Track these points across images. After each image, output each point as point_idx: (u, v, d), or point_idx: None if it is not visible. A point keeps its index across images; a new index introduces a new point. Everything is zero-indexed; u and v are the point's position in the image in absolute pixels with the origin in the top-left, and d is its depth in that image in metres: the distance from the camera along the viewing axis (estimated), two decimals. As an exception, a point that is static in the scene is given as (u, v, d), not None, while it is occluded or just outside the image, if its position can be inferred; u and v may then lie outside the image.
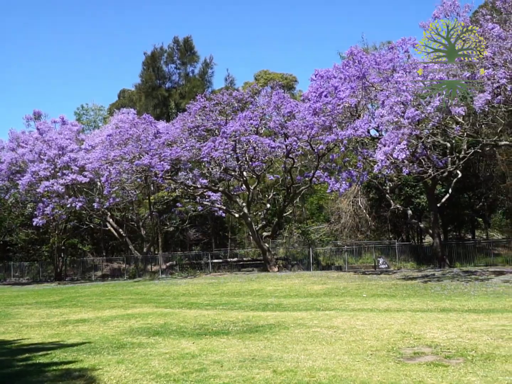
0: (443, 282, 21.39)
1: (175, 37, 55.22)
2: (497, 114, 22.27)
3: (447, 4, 23.33)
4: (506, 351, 8.52)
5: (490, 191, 34.86)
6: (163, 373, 7.98)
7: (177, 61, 55.57)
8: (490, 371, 7.37)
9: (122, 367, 8.54)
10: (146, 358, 9.13)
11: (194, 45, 55.52)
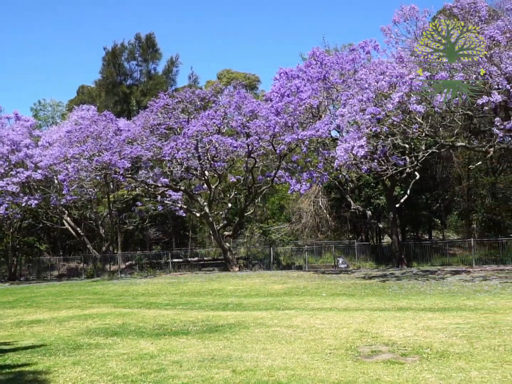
0: (400, 281, 21.79)
1: (137, 34, 54.52)
2: (455, 117, 22.84)
3: (406, 9, 23.81)
4: (460, 348, 8.72)
5: (446, 193, 35.72)
6: (120, 374, 7.85)
7: (138, 58, 54.85)
8: (445, 368, 7.53)
9: (78, 368, 8.36)
10: (103, 359, 8.97)
11: (156, 42, 54.94)
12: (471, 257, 28.37)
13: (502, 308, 13.42)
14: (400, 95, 19.81)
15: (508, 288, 17.89)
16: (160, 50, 55.19)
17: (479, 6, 23.12)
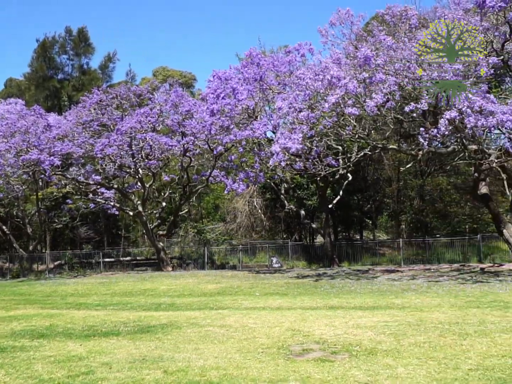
0: (332, 280, 22.21)
1: (67, 27, 52.53)
2: (386, 120, 23.53)
3: (342, 13, 24.36)
4: (387, 345, 8.95)
5: (377, 194, 36.81)
6: (46, 377, 7.53)
7: (70, 52, 53.02)
8: (373, 365, 7.70)
9: (2, 372, 7.95)
10: (28, 362, 8.57)
11: (89, 36, 53.27)
12: (399, 257, 29.37)
13: (428, 306, 13.92)
14: (336, 97, 20.19)
15: (433, 287, 18.60)
16: (93, 45, 53.58)
17: (409, 14, 23.97)
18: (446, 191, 35.50)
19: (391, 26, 24.74)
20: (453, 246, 29.35)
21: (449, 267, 25.64)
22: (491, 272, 22.46)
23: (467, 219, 35.10)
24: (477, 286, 18.16)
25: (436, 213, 35.49)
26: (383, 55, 21.56)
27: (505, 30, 23.43)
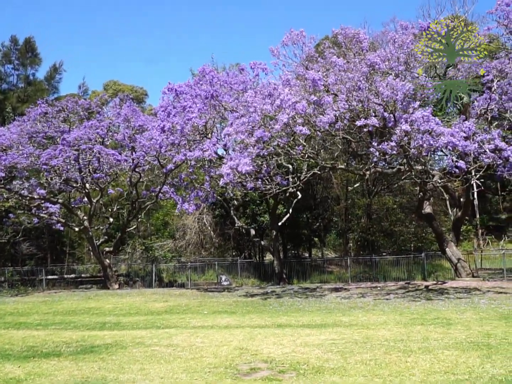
0: (281, 298, 22.22)
1: (12, 36, 50.76)
2: (335, 141, 23.97)
3: (295, 33, 24.81)
4: (334, 363, 8.98)
5: (326, 212, 37.30)
6: (-22, 403, 7.14)
7: (15, 61, 51.46)
8: (320, 383, 7.69)
9: None
10: (-41, 387, 8.12)
11: (36, 46, 51.81)
12: (347, 275, 29.74)
13: (374, 324, 14.10)
14: (287, 118, 20.42)
15: (379, 304, 18.89)
16: (40, 55, 52.17)
17: (361, 37, 24.66)
18: (392, 210, 36.37)
19: (342, 47, 25.36)
20: (399, 264, 29.98)
21: (395, 285, 26.15)
22: (435, 290, 23.03)
23: (412, 238, 36.01)
24: (421, 304, 18.56)
25: (382, 232, 36.26)
26: (334, 75, 22.04)
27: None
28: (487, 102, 24.02)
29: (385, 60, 21.93)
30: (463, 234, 37.48)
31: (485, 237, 42.99)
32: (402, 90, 19.92)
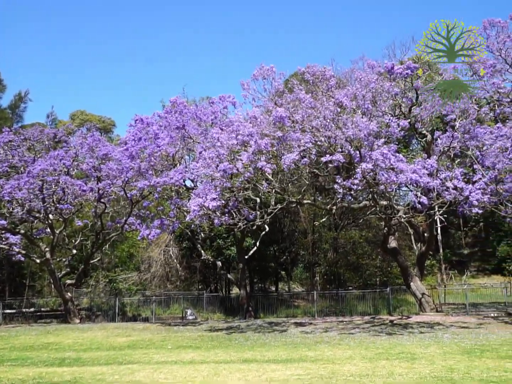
0: (247, 333, 21.96)
1: (-25, 63, 50.59)
2: (302, 175, 24.19)
3: (265, 69, 25.27)
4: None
5: (293, 246, 37.33)
6: None
7: (-23, 89, 50.58)
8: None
9: None
10: None
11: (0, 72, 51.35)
12: (314, 309, 29.63)
13: (340, 359, 14.04)
14: (249, 155, 20.60)
15: (345, 339, 18.85)
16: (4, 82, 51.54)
17: (327, 75, 25.24)
18: (358, 244, 36.66)
19: (310, 84, 25.87)
20: (365, 299, 30.06)
21: (361, 319, 26.16)
22: (400, 324, 23.13)
23: (378, 272, 36.27)
24: (386, 338, 18.60)
25: (349, 266, 36.44)
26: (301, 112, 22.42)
27: (412, 95, 25.16)
28: (450, 140, 24.73)
29: (352, 98, 22.44)
30: (427, 269, 37.97)
31: (448, 272, 43.67)
32: (366, 128, 20.35)
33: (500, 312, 26.49)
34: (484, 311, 27.22)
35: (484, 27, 24.22)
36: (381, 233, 31.52)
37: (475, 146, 24.22)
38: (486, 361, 12.97)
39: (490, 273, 45.71)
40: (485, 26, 24.23)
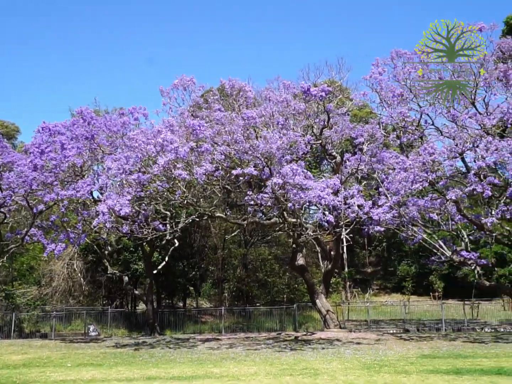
0: (152, 349, 21.45)
1: None
2: (215, 189, 24.21)
3: (186, 79, 25.24)
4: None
5: (203, 261, 37.10)
6: None
7: None
8: None
9: None
10: None
11: None
12: (221, 325, 29.51)
13: (245, 375, 14.03)
14: (167, 160, 20.34)
15: (251, 355, 18.90)
16: None
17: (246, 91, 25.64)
18: (267, 261, 37.11)
19: (230, 99, 26.13)
20: (272, 315, 30.38)
21: (267, 335, 26.37)
22: (305, 340, 23.56)
23: (286, 289, 36.84)
24: (291, 354, 18.85)
25: (257, 282, 36.74)
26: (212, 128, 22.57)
27: (324, 118, 26.06)
28: (358, 162, 25.79)
29: (262, 116, 22.89)
30: (333, 286, 39.13)
31: (352, 289, 45.23)
32: (276, 144, 20.78)
33: (399, 329, 27.74)
34: (384, 328, 28.39)
35: (392, 57, 25.63)
36: (290, 250, 32.13)
37: (381, 169, 25.42)
38: (384, 375, 13.47)
39: (391, 291, 47.90)
40: (392, 56, 25.64)
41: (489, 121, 22.26)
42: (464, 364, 15.49)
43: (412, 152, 24.09)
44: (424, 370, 14.39)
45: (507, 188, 21.65)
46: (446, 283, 42.61)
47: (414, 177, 21.61)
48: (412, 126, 26.10)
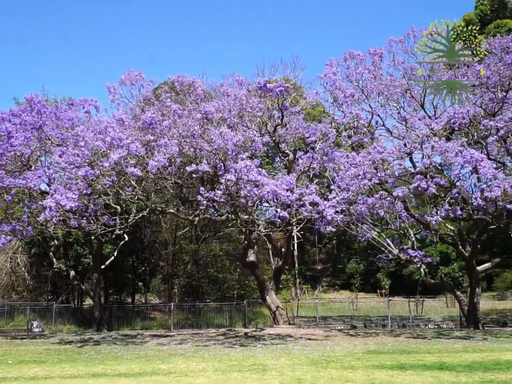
0: (99, 346, 21.03)
1: None
2: (167, 184, 23.95)
3: (134, 74, 24.75)
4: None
5: (153, 257, 36.64)
6: None
7: None
8: None
9: None
10: None
11: None
12: (170, 321, 29.24)
13: (193, 371, 13.94)
14: (118, 156, 19.96)
15: (200, 351, 18.80)
16: None
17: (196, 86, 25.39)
18: (218, 257, 37.01)
19: (180, 94, 25.85)
20: (222, 311, 30.33)
21: (216, 332, 26.29)
22: (254, 337, 23.63)
23: (236, 285, 36.85)
24: (240, 350, 18.87)
25: (208, 278, 36.60)
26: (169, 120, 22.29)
27: (278, 115, 26.17)
28: (310, 160, 26.05)
29: (219, 111, 22.78)
30: (283, 283, 39.40)
31: (302, 286, 45.70)
32: (232, 140, 20.73)
33: (346, 325, 28.24)
34: (332, 324, 28.84)
35: (345, 58, 26.03)
36: (241, 247, 32.16)
37: (332, 168, 25.78)
38: (331, 371, 13.65)
39: (340, 288, 48.67)
40: (346, 57, 26.05)
41: (436, 125, 22.93)
42: (408, 359, 15.89)
43: (362, 151, 24.54)
44: (369, 365, 14.68)
45: (451, 188, 22.37)
46: (393, 281, 43.63)
47: (364, 173, 22.00)
48: (364, 127, 26.60)
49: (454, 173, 22.71)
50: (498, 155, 25.42)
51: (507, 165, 24.99)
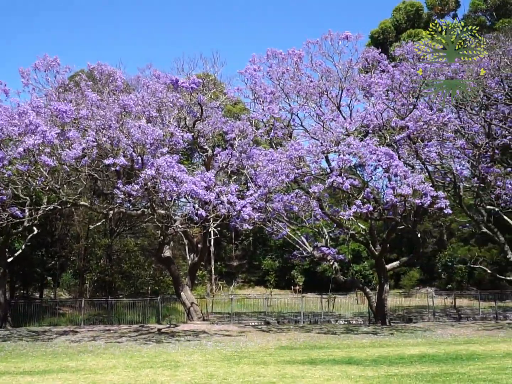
0: (2, 343, 20.09)
1: None
2: (80, 176, 23.19)
3: (49, 59, 23.76)
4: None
5: (63, 250, 35.37)
6: None
7: None
8: None
9: None
10: None
11: None
12: (80, 317, 28.36)
13: (103, 368, 13.64)
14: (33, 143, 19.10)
15: (111, 348, 18.41)
16: None
17: (116, 76, 24.77)
18: (133, 252, 36.33)
19: (99, 83, 25.10)
20: (135, 307, 29.79)
21: (128, 328, 25.80)
22: (167, 333, 23.43)
23: (150, 281, 36.35)
24: (152, 347, 18.67)
25: (121, 273, 35.83)
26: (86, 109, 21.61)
27: (197, 110, 26.06)
28: (228, 157, 26.15)
29: (138, 104, 22.35)
30: (198, 279, 39.35)
31: (218, 282, 45.80)
32: (152, 134, 20.41)
33: (260, 321, 28.64)
34: (246, 320, 29.14)
35: (268, 56, 26.37)
36: (157, 242, 31.73)
37: (251, 165, 26.02)
38: (244, 367, 13.82)
39: (255, 284, 49.21)
40: (268, 55, 26.39)
41: (349, 125, 23.81)
42: (319, 354, 16.39)
43: (280, 148, 25.00)
44: (281, 361, 15.00)
45: (364, 188, 23.32)
46: (306, 278, 44.67)
47: (281, 169, 22.39)
48: (281, 124, 27.11)
49: (367, 172, 23.67)
50: (409, 158, 26.72)
51: (415, 168, 26.32)
